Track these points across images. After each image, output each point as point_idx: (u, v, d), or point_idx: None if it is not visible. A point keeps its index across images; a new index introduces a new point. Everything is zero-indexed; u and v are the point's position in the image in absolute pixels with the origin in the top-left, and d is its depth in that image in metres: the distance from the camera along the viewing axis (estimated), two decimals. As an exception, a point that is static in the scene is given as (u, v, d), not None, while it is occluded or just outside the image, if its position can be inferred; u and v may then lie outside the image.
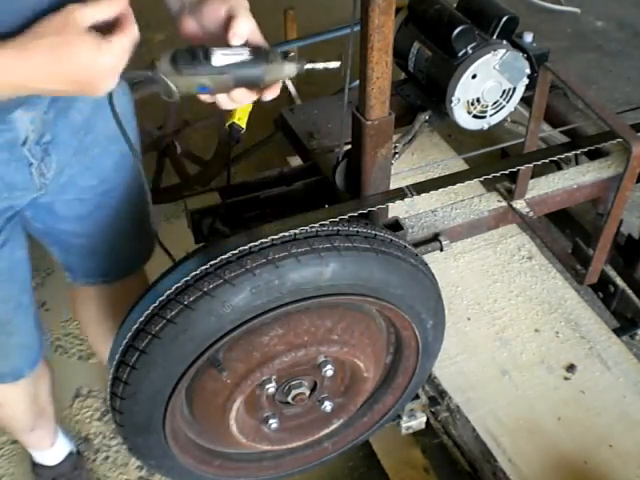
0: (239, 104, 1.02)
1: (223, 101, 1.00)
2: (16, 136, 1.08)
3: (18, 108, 1.04)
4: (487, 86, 1.48)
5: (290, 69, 1.01)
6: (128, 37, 0.90)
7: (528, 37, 1.57)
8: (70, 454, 1.89)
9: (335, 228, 1.19)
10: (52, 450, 1.85)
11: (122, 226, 1.41)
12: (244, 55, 0.98)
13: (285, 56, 1.01)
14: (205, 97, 1.00)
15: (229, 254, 1.12)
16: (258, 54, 0.99)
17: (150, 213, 1.47)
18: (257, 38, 1.02)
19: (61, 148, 1.18)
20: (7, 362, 1.41)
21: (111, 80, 0.89)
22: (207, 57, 0.96)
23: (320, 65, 1.05)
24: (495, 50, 1.45)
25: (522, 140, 1.46)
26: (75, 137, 1.21)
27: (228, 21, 0.99)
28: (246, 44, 1.00)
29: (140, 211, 1.45)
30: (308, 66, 1.03)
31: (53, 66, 0.85)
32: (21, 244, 1.28)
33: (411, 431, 1.71)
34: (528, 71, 1.51)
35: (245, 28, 0.97)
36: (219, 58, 0.96)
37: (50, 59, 0.84)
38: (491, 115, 1.55)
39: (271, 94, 1.03)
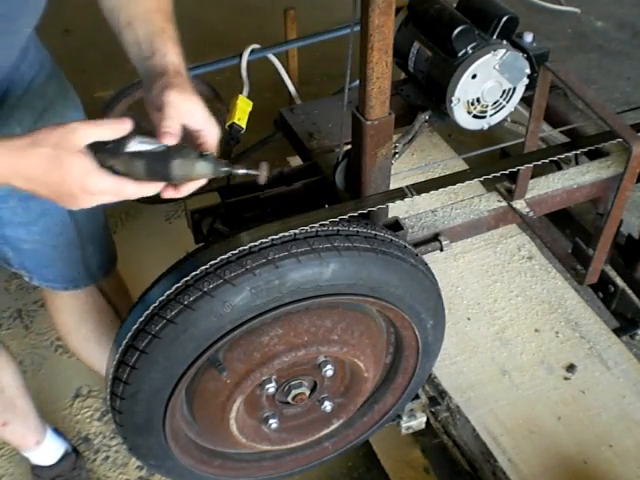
0: (167, 194, 1.02)
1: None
2: None
3: None
4: (487, 86, 1.48)
5: (203, 169, 1.00)
6: (133, 188, 0.96)
7: (528, 37, 1.57)
8: (67, 454, 1.89)
9: (335, 228, 1.19)
10: (41, 449, 1.83)
11: (73, 234, 1.39)
12: (158, 146, 0.99)
13: (201, 155, 1.00)
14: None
15: (229, 254, 1.12)
16: (173, 149, 0.99)
17: (104, 219, 1.45)
18: (212, 140, 1.03)
19: None
20: None
21: (91, 202, 0.95)
22: (122, 143, 0.97)
23: (242, 171, 1.03)
24: (495, 50, 1.45)
25: (522, 140, 1.46)
26: None
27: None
28: (200, 145, 1.02)
29: (95, 219, 1.44)
30: (225, 169, 1.01)
31: (43, 175, 0.91)
32: None
33: (411, 431, 1.70)
34: (528, 71, 1.51)
35: (175, 128, 0.98)
36: (133, 145, 0.98)
37: (42, 169, 0.90)
38: (491, 115, 1.55)
39: (184, 191, 1.03)
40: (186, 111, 1.01)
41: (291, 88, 2.26)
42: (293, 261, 1.13)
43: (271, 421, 1.35)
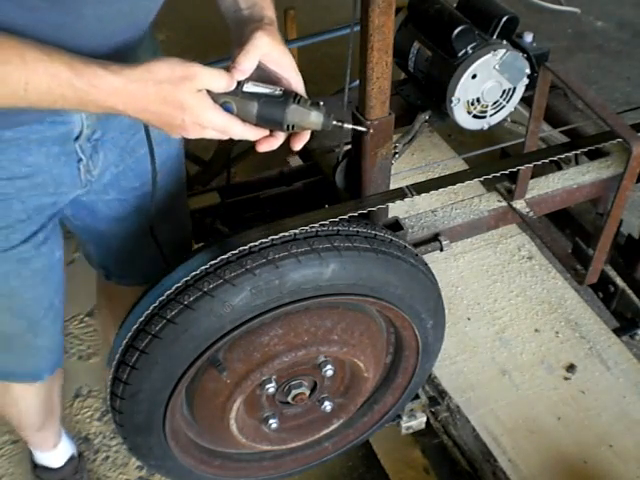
0: (262, 148, 1.04)
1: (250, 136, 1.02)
2: (70, 130, 1.09)
3: None
4: (487, 86, 1.48)
5: (317, 118, 1.02)
6: (240, 129, 0.99)
7: (528, 37, 1.57)
8: (72, 457, 1.88)
9: (335, 228, 1.19)
10: (55, 452, 1.83)
11: (160, 230, 1.39)
12: (274, 90, 1.00)
13: (315, 105, 1.02)
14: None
15: (229, 254, 1.12)
16: (288, 94, 1.01)
17: (188, 220, 1.47)
18: (299, 88, 1.04)
19: (109, 146, 1.19)
20: (30, 362, 1.38)
21: (198, 134, 0.98)
22: (239, 82, 0.99)
23: (348, 125, 1.08)
24: (495, 50, 1.45)
25: (522, 140, 1.46)
26: (123, 136, 1.21)
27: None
28: (281, 87, 1.02)
29: (179, 216, 1.44)
30: (336, 122, 1.04)
31: (158, 108, 0.93)
32: (60, 245, 1.27)
33: (411, 431, 1.71)
34: (528, 71, 1.51)
35: (244, 63, 0.99)
36: (249, 86, 0.99)
37: (159, 102, 0.93)
38: (491, 115, 1.55)
39: (299, 141, 1.06)
40: (272, 55, 1.02)
41: (291, 88, 2.26)
42: (293, 261, 1.13)
43: (271, 421, 1.35)
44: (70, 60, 0.88)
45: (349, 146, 1.30)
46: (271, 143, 1.04)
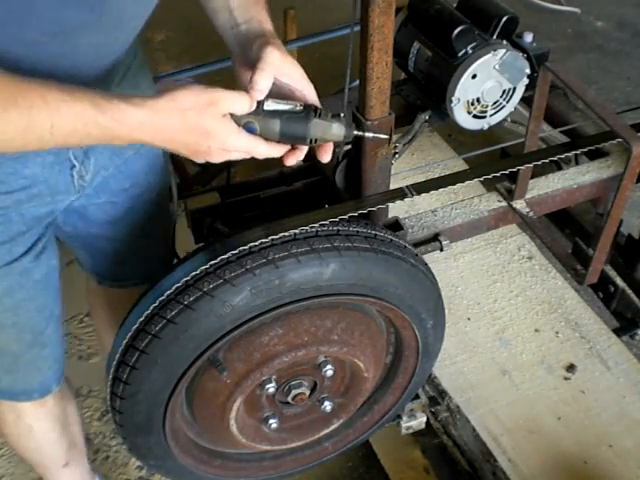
0: (290, 161, 1.06)
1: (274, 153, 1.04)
2: None
3: None
4: (487, 86, 1.48)
5: (339, 130, 1.04)
6: (264, 148, 1.01)
7: (528, 37, 1.57)
8: None
9: (335, 228, 1.19)
10: None
11: (151, 229, 1.41)
12: (294, 106, 1.02)
13: (336, 117, 1.03)
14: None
15: (229, 254, 1.12)
16: (308, 108, 1.02)
17: (174, 219, 1.48)
18: (312, 98, 1.06)
19: (99, 150, 1.19)
20: (37, 376, 1.37)
21: (224, 157, 1.00)
22: (260, 101, 1.00)
23: (370, 134, 1.11)
24: (495, 50, 1.45)
25: (522, 140, 1.46)
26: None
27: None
28: (299, 100, 1.04)
29: (167, 214, 1.45)
30: (357, 132, 1.07)
31: (184, 136, 0.95)
32: (55, 252, 1.27)
33: (411, 431, 1.71)
34: (528, 71, 1.51)
35: (261, 83, 1.00)
36: (269, 104, 1.01)
37: (185, 131, 0.94)
38: (491, 115, 1.55)
39: (326, 154, 1.07)
40: (284, 69, 1.03)
41: (291, 88, 2.26)
42: (293, 261, 1.13)
43: (271, 421, 1.35)
44: (92, 97, 0.89)
45: (349, 146, 1.30)
46: (297, 155, 1.06)
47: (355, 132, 1.06)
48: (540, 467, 1.62)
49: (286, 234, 1.14)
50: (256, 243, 1.13)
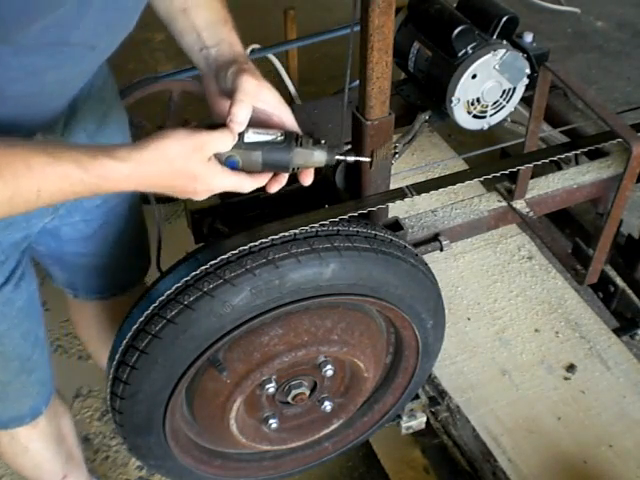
0: (273, 189, 1.07)
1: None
2: None
3: (37, 133, 1.04)
4: (487, 86, 1.48)
5: (320, 156, 1.04)
6: (248, 183, 1.01)
7: (528, 37, 1.57)
8: None
9: (335, 228, 1.19)
10: None
11: (124, 241, 1.41)
12: (275, 136, 1.01)
13: (316, 143, 1.04)
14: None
15: (229, 254, 1.12)
16: (289, 137, 1.02)
17: (146, 226, 1.48)
18: (290, 123, 1.06)
19: None
20: (27, 401, 1.36)
21: (208, 195, 1.00)
22: (240, 133, 0.99)
23: (351, 158, 1.10)
24: (495, 50, 1.45)
25: (522, 140, 1.46)
26: None
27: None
28: (280, 128, 1.04)
29: (139, 225, 1.45)
30: (339, 157, 1.07)
31: (171, 182, 0.95)
32: (34, 276, 1.26)
33: (411, 431, 1.70)
34: (528, 71, 1.51)
35: (241, 115, 0.99)
36: (250, 135, 1.00)
37: (171, 175, 0.94)
38: (491, 115, 1.55)
39: (307, 178, 1.08)
40: (260, 96, 1.03)
41: (291, 88, 2.27)
42: (293, 261, 1.13)
43: (271, 421, 1.35)
44: (76, 155, 0.88)
45: (349, 146, 1.30)
46: (280, 182, 1.07)
47: (337, 157, 1.06)
48: (540, 467, 1.62)
49: (286, 234, 1.14)
50: (256, 243, 1.13)
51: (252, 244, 1.12)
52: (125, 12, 0.95)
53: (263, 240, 1.13)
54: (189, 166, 0.94)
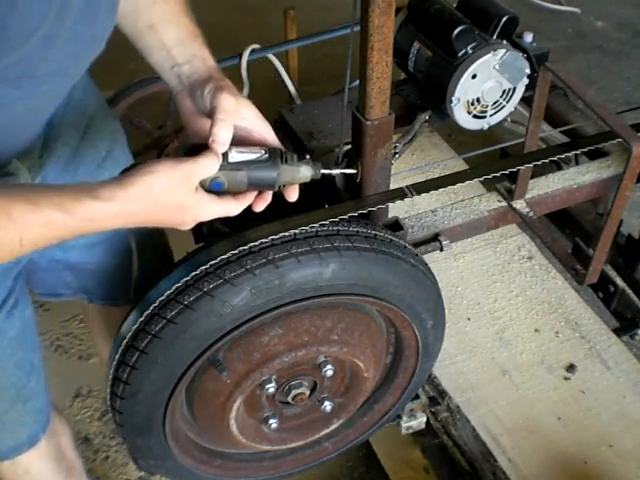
0: (259, 207, 1.06)
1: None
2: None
3: (14, 157, 1.02)
4: (487, 86, 1.48)
5: (306, 172, 1.04)
6: (235, 206, 1.00)
7: (528, 37, 1.57)
8: None
9: (335, 228, 1.19)
10: None
11: (135, 246, 1.38)
12: (260, 154, 1.00)
13: (301, 159, 1.03)
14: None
15: (229, 254, 1.12)
16: (274, 155, 1.01)
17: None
18: (272, 139, 1.05)
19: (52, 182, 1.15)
20: (23, 430, 1.33)
21: (194, 224, 0.99)
22: (224, 154, 0.98)
23: (336, 171, 1.11)
24: (495, 50, 1.45)
25: (522, 140, 1.46)
26: (65, 172, 1.19)
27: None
28: (261, 145, 1.03)
29: (149, 231, 1.42)
30: (324, 171, 1.06)
31: (158, 215, 0.93)
32: (29, 302, 1.23)
33: (411, 431, 1.70)
34: (528, 71, 1.51)
35: (223, 135, 0.97)
36: (234, 155, 0.99)
37: (158, 209, 0.92)
38: (491, 115, 1.55)
39: (293, 194, 1.07)
40: (240, 114, 1.01)
41: (291, 88, 2.26)
42: (293, 261, 1.13)
43: (271, 421, 1.35)
44: (58, 200, 0.85)
45: (349, 146, 1.30)
46: (266, 200, 1.06)
47: (322, 171, 1.06)
48: (540, 467, 1.62)
49: (286, 234, 1.14)
50: (256, 243, 1.13)
51: (252, 244, 1.12)
52: (93, 40, 0.93)
53: (263, 240, 1.13)
54: (177, 199, 0.93)
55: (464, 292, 1.95)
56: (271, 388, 1.28)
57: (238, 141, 1.02)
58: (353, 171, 1.18)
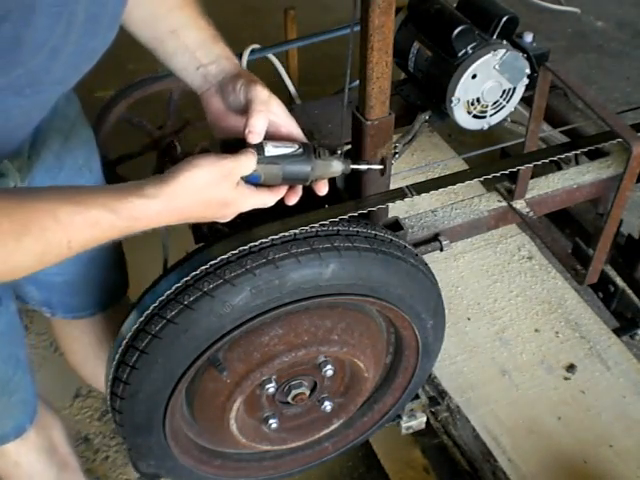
0: (292, 201, 1.08)
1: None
2: (6, 185, 1.07)
3: (4, 159, 1.03)
4: (487, 86, 1.48)
5: (337, 167, 1.07)
6: (270, 198, 1.03)
7: (528, 37, 1.57)
8: None
9: (335, 228, 1.19)
10: None
11: (101, 258, 1.39)
12: (294, 149, 1.03)
13: (332, 153, 1.06)
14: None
15: (229, 254, 1.12)
16: (307, 149, 1.03)
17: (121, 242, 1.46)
18: (299, 135, 1.08)
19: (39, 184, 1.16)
20: (9, 422, 1.34)
21: (237, 213, 1.02)
22: (261, 148, 1.00)
23: (364, 166, 1.15)
24: (495, 50, 1.45)
25: (522, 140, 1.46)
26: (48, 176, 1.20)
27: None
28: (294, 140, 1.06)
29: (114, 242, 1.44)
30: (354, 166, 1.10)
31: (202, 210, 0.96)
32: (12, 297, 1.24)
33: (411, 431, 1.70)
34: (528, 71, 1.51)
35: (259, 125, 1.00)
36: (270, 149, 1.01)
37: (202, 205, 0.94)
38: (491, 115, 1.55)
39: (324, 187, 1.09)
40: (272, 108, 1.04)
41: (291, 88, 2.26)
42: (293, 261, 1.13)
43: (271, 421, 1.35)
44: (103, 200, 0.86)
45: (349, 146, 1.30)
46: (297, 193, 1.09)
47: (352, 166, 1.10)
48: (540, 467, 1.62)
49: (286, 234, 1.14)
50: (256, 243, 1.13)
51: (252, 244, 1.12)
52: (93, 52, 0.95)
53: (263, 240, 1.13)
54: (220, 194, 0.95)
55: (464, 292, 1.95)
56: (271, 388, 1.28)
57: (269, 136, 1.04)
58: (380, 167, 1.20)
